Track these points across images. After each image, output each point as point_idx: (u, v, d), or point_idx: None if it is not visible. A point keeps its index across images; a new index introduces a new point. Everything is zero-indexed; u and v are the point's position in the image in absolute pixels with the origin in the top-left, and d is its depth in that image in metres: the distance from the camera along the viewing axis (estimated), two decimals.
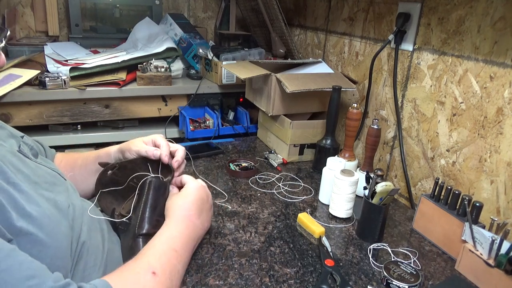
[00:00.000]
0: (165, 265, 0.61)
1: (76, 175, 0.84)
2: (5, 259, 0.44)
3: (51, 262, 0.50)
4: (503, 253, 0.70)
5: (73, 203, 0.66)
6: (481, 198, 0.90)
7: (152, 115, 1.55)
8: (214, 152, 1.26)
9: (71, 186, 0.73)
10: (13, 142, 0.68)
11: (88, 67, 1.41)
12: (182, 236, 0.69)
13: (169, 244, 0.65)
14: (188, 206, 0.74)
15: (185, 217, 0.72)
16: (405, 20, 1.07)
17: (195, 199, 0.75)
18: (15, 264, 0.45)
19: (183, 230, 0.70)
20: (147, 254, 0.62)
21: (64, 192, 0.66)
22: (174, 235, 0.68)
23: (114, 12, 1.84)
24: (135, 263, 0.59)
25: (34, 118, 1.37)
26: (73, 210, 0.64)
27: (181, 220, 0.71)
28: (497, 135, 0.86)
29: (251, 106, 1.49)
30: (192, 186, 0.78)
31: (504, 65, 0.84)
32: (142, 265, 0.59)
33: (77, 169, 0.85)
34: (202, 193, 0.78)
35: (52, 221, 0.56)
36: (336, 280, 0.72)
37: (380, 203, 0.85)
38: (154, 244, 0.65)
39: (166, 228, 0.69)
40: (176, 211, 0.73)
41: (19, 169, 0.59)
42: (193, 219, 0.73)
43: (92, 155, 0.87)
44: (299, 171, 1.20)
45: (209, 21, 2.08)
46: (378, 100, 1.22)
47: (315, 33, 1.56)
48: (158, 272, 0.58)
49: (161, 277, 0.58)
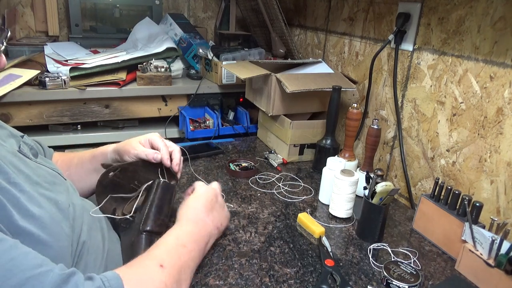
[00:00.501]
0: (174, 259, 0.61)
1: (72, 174, 0.84)
2: (10, 250, 0.45)
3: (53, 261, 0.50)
4: (503, 253, 0.70)
5: (73, 203, 0.66)
6: (481, 198, 0.90)
7: (152, 115, 1.55)
8: (214, 152, 1.26)
9: (71, 185, 0.73)
10: (13, 142, 0.68)
11: (88, 67, 1.41)
12: (191, 233, 0.70)
13: (178, 240, 0.66)
14: (197, 205, 0.76)
15: (194, 216, 0.74)
16: (405, 20, 1.07)
17: (204, 199, 0.77)
18: (21, 254, 0.46)
19: (192, 227, 0.71)
20: (156, 249, 0.63)
21: (64, 192, 0.66)
22: (183, 232, 0.69)
23: (114, 12, 1.84)
24: (144, 257, 0.60)
25: (34, 118, 1.37)
26: (74, 209, 0.64)
27: (190, 219, 0.73)
28: (497, 135, 0.86)
29: (251, 106, 1.49)
30: (200, 188, 0.80)
31: (504, 65, 0.84)
32: (151, 258, 0.60)
33: (73, 168, 0.86)
34: (211, 194, 0.80)
35: (54, 221, 0.56)
36: (336, 280, 0.72)
37: (380, 203, 0.85)
38: (163, 241, 0.66)
39: (176, 227, 0.70)
40: (185, 212, 0.74)
41: (20, 169, 0.59)
42: (202, 217, 0.74)
43: (87, 154, 0.88)
44: (299, 171, 1.20)
45: (209, 21, 2.08)
46: (378, 100, 1.22)
47: (315, 33, 1.56)
48: (166, 265, 0.59)
49: (169, 269, 0.59)
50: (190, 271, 0.65)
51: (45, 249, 0.52)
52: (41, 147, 0.83)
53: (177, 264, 0.61)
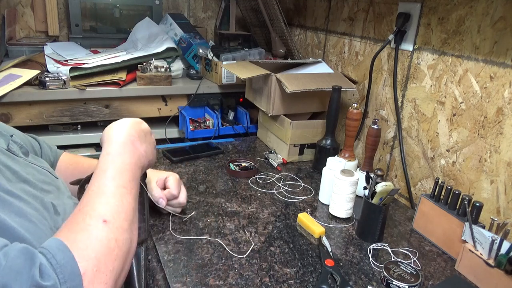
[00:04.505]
0: (117, 207, 0.55)
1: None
2: None
3: None
4: (503, 253, 0.70)
5: (63, 202, 0.65)
6: (481, 198, 0.90)
7: (152, 115, 1.55)
8: (214, 152, 1.26)
9: (63, 184, 0.72)
10: (1, 141, 0.67)
11: (88, 67, 1.41)
12: (129, 167, 0.61)
13: (116, 182, 0.57)
14: (129, 130, 0.65)
15: (128, 143, 0.63)
16: (405, 20, 1.07)
17: (137, 126, 0.68)
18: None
19: (129, 159, 0.62)
20: (95, 199, 0.55)
21: (54, 191, 0.65)
22: (120, 169, 0.59)
23: (114, 12, 1.84)
24: (84, 213, 0.53)
25: (34, 118, 1.37)
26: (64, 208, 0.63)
27: (124, 146, 0.63)
28: (497, 135, 0.86)
29: (251, 106, 1.49)
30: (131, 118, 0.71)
31: (504, 65, 0.84)
32: (92, 215, 0.52)
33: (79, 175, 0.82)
34: (144, 125, 0.71)
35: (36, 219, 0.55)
36: (336, 280, 0.72)
37: (380, 203, 0.85)
38: (100, 185, 0.57)
39: (110, 160, 0.60)
40: (115, 135, 0.64)
41: (7, 165, 0.58)
42: (136, 145, 0.64)
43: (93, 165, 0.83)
44: (299, 171, 1.20)
45: (209, 21, 2.08)
46: (378, 100, 1.22)
47: (315, 33, 1.56)
48: (110, 218, 0.52)
49: (114, 222, 0.52)
50: (135, 211, 0.58)
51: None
52: (39, 145, 0.81)
53: (122, 211, 0.54)
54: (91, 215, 0.52)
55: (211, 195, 1.01)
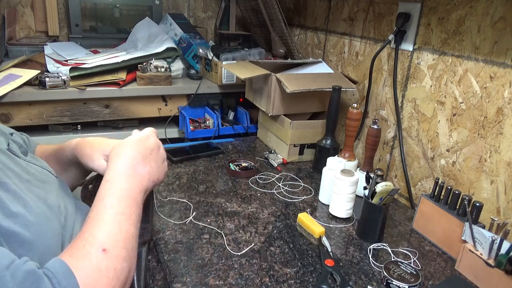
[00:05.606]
0: (115, 235, 0.54)
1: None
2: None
3: (40, 260, 0.50)
4: (503, 253, 0.70)
5: (65, 201, 0.65)
6: (481, 198, 0.90)
7: (152, 115, 1.55)
8: (214, 152, 1.26)
9: (63, 183, 0.72)
10: (2, 140, 0.67)
11: (88, 67, 1.41)
12: (127, 193, 0.60)
13: (115, 210, 0.57)
14: (131, 153, 0.64)
15: (128, 168, 0.63)
16: (405, 20, 1.07)
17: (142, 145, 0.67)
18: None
19: (128, 184, 0.61)
20: (94, 227, 0.55)
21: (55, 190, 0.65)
22: (118, 196, 0.59)
23: (114, 12, 1.84)
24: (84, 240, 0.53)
25: (34, 118, 1.37)
26: (65, 208, 0.63)
27: (123, 172, 0.62)
28: (497, 135, 0.86)
29: (251, 106, 1.49)
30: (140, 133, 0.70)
31: (504, 65, 0.84)
32: (91, 243, 0.52)
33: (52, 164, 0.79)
34: (151, 141, 0.68)
35: (41, 220, 0.55)
36: (336, 280, 0.72)
37: (380, 203, 0.85)
38: (99, 212, 0.57)
39: (108, 187, 0.60)
40: (116, 160, 0.64)
41: (9, 167, 0.58)
42: (138, 169, 0.64)
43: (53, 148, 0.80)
44: (299, 171, 1.20)
45: (209, 21, 2.08)
46: (378, 100, 1.22)
47: (315, 33, 1.56)
48: (109, 247, 0.52)
49: (113, 251, 0.53)
50: (134, 238, 0.58)
51: (32, 247, 0.51)
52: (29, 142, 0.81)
53: (120, 239, 0.54)
54: (91, 242, 0.52)
55: (211, 195, 1.01)
